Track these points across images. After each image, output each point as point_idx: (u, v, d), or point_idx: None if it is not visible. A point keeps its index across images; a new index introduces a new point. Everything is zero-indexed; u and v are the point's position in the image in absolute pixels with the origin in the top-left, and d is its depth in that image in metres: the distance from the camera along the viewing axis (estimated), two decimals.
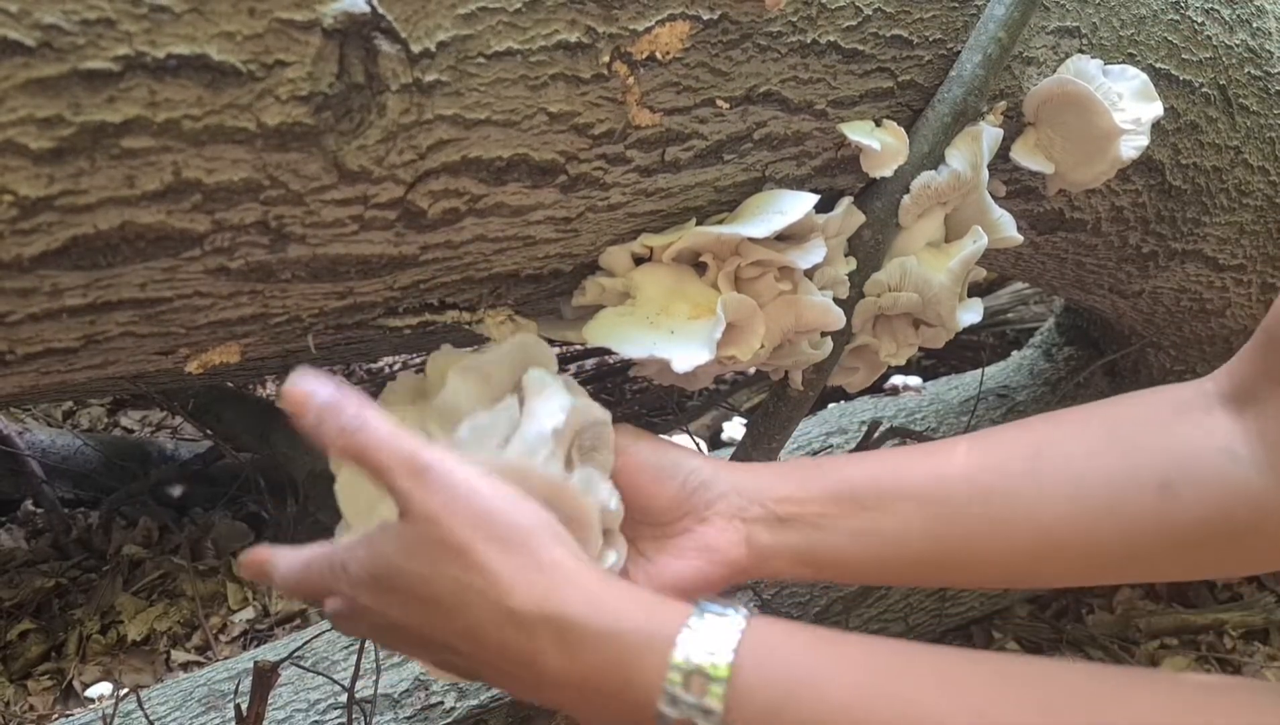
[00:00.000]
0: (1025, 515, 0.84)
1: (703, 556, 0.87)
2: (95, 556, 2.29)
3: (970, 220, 1.06)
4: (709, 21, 0.86)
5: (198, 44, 0.66)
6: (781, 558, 0.88)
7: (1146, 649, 1.85)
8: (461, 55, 0.76)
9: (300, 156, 0.72)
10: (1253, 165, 1.29)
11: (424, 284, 0.88)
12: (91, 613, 2.10)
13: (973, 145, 1.03)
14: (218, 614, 2.12)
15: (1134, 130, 1.08)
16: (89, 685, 1.92)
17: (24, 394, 0.86)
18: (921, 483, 0.88)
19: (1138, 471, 0.81)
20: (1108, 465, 0.83)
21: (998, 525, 0.85)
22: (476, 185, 0.82)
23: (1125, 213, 1.27)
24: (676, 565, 0.88)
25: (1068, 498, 0.83)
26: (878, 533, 0.87)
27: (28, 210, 0.65)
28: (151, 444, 2.59)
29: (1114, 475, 0.82)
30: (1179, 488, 0.80)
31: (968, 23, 1.02)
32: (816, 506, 0.88)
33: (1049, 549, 0.84)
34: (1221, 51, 1.22)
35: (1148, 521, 0.81)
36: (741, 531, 0.88)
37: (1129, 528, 0.81)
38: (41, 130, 0.63)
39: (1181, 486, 0.80)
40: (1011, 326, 2.56)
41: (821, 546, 0.88)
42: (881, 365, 1.11)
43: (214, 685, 1.41)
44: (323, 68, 0.71)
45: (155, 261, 0.72)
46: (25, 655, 2.02)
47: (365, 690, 1.32)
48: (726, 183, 0.96)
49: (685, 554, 0.88)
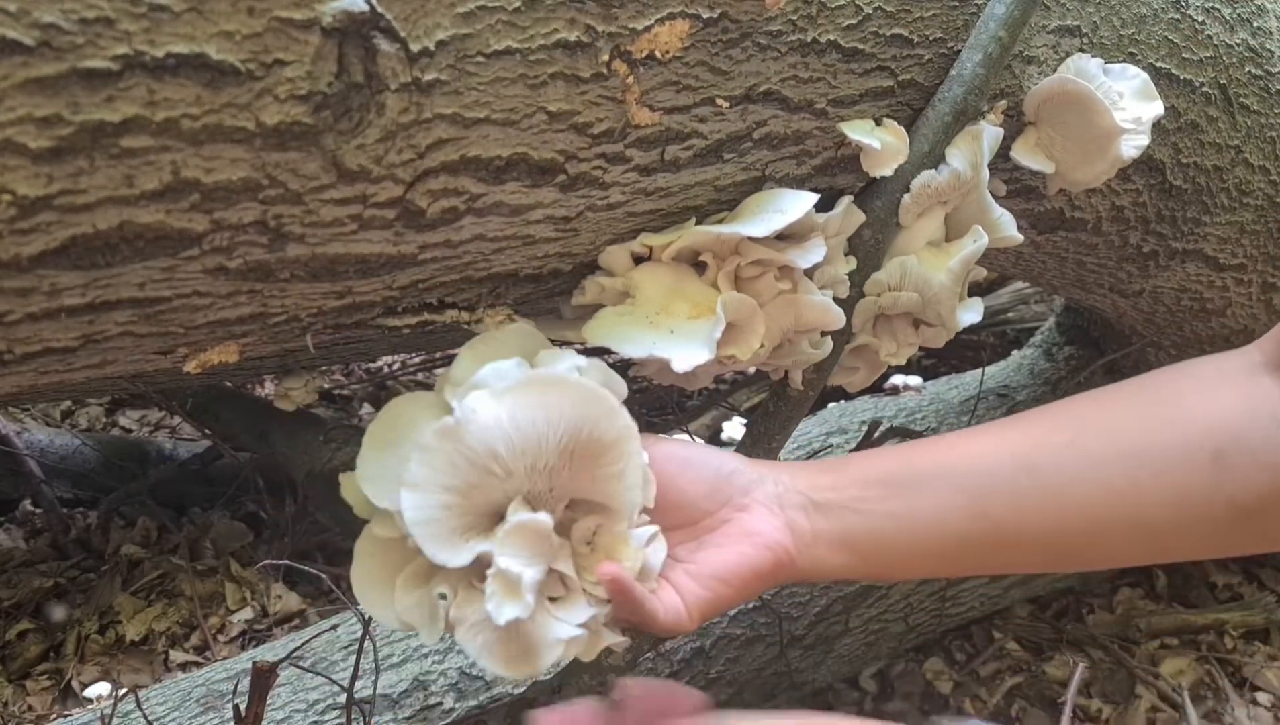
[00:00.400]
0: (1076, 487, 0.82)
1: (748, 540, 0.84)
2: (94, 556, 2.29)
3: (970, 219, 1.05)
4: (709, 20, 0.86)
5: (196, 43, 0.66)
6: (822, 543, 0.86)
7: (1147, 649, 1.85)
8: (460, 54, 0.76)
9: (299, 156, 0.72)
10: (1253, 164, 1.29)
11: (423, 283, 0.88)
12: (90, 613, 2.09)
13: (973, 144, 1.03)
14: (216, 614, 2.12)
15: (1134, 129, 1.07)
16: (87, 685, 1.92)
17: (22, 393, 0.85)
18: (960, 461, 0.86)
19: (1189, 442, 0.80)
20: (1158, 437, 0.81)
21: (1048, 499, 0.83)
22: (475, 184, 0.81)
23: (1126, 212, 1.27)
24: (722, 555, 0.84)
25: (1119, 470, 0.81)
26: (917, 513, 0.85)
27: (26, 210, 0.65)
28: (150, 443, 2.58)
29: (1166, 446, 0.81)
30: (1231, 457, 0.78)
31: (968, 21, 1.02)
32: (854, 490, 0.86)
33: (1100, 524, 0.83)
34: (1222, 50, 1.22)
35: (1201, 492, 0.79)
36: (782, 517, 0.86)
37: (1181, 499, 0.80)
38: (40, 129, 0.63)
39: (1234, 456, 0.78)
40: (1012, 326, 2.55)
41: (860, 530, 0.86)
42: (882, 365, 1.11)
43: (212, 685, 1.41)
44: (322, 67, 0.70)
45: (154, 261, 0.72)
46: (24, 655, 2.01)
47: (364, 691, 1.32)
48: (726, 182, 0.96)
49: (729, 541, 0.85)
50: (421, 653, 1.41)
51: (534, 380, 0.80)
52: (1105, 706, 1.72)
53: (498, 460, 0.78)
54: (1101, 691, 1.77)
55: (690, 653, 1.47)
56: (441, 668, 1.39)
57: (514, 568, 0.76)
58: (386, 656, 1.40)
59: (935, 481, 0.86)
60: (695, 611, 0.82)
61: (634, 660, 1.07)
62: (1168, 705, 1.73)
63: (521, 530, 0.78)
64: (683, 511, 0.87)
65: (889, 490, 0.86)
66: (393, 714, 1.36)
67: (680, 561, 0.85)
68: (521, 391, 0.79)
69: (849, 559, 0.87)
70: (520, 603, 0.76)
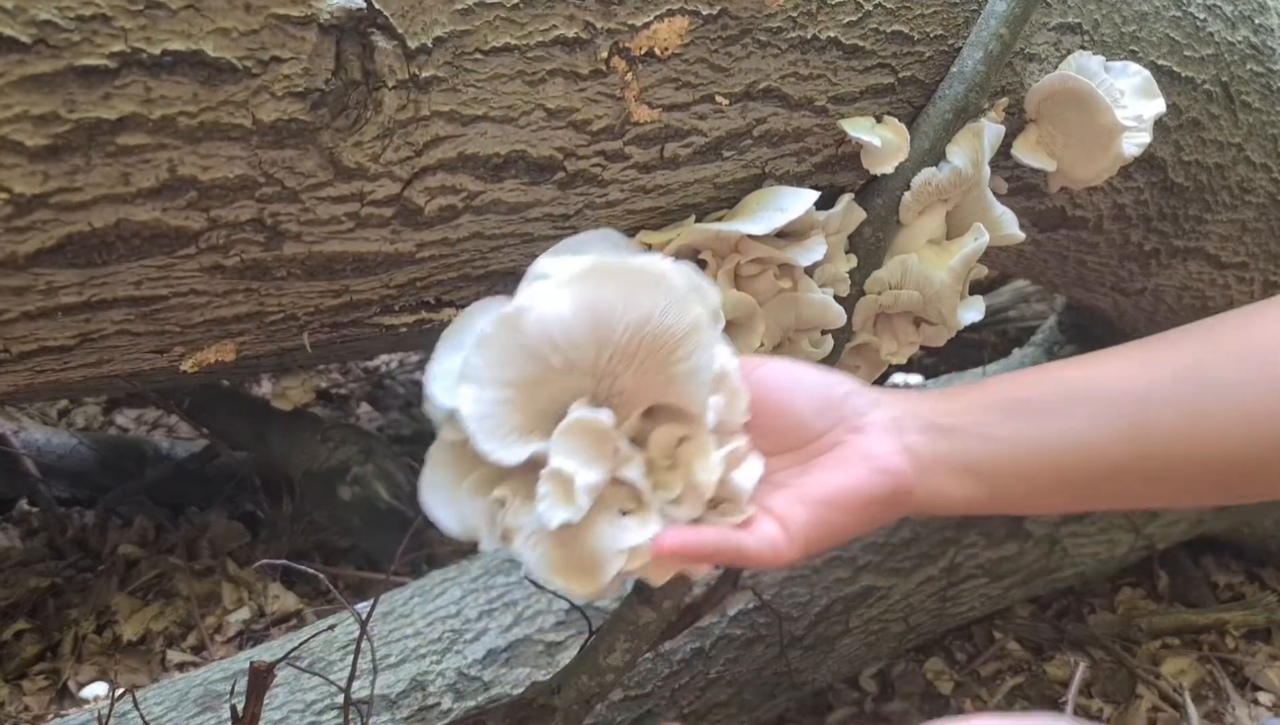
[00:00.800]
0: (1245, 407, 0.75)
1: (863, 464, 0.77)
2: (91, 556, 2.29)
3: (972, 217, 1.05)
4: (708, 17, 0.86)
5: (193, 40, 0.66)
6: (944, 469, 0.78)
7: (1148, 649, 1.84)
8: (458, 51, 0.76)
9: (296, 153, 0.72)
10: (1255, 162, 1.29)
11: (420, 282, 0.88)
12: (87, 612, 2.09)
13: (974, 142, 1.03)
14: (213, 614, 2.11)
15: (1136, 127, 1.07)
16: (84, 685, 1.91)
17: (19, 392, 0.85)
18: (1105, 379, 0.79)
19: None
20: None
21: (1210, 420, 0.76)
22: (473, 182, 0.81)
23: (1127, 210, 1.26)
24: (832, 478, 0.77)
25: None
26: (1057, 436, 0.78)
27: (23, 208, 0.65)
28: (147, 443, 2.58)
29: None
30: None
31: (969, 19, 1.02)
32: (980, 414, 0.79)
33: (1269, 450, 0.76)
34: (1224, 48, 1.21)
35: None
36: (900, 440, 0.78)
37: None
38: (37, 127, 0.63)
39: None
40: (1013, 324, 2.55)
41: (989, 455, 0.78)
42: (882, 363, 1.11)
43: (210, 685, 1.41)
44: (319, 64, 0.70)
45: (150, 259, 0.72)
46: (20, 655, 2.01)
47: (362, 691, 1.32)
48: (726, 179, 0.96)
49: (841, 464, 0.78)
50: (419, 653, 1.41)
51: (598, 268, 0.73)
52: (1106, 707, 1.72)
53: (557, 352, 0.72)
54: (1103, 691, 1.76)
55: (690, 653, 1.46)
56: (439, 668, 1.39)
57: (567, 467, 0.71)
58: (384, 657, 1.39)
59: (1079, 402, 0.78)
60: (799, 538, 0.75)
61: (633, 660, 1.07)
62: (1169, 705, 1.73)
63: (578, 428, 0.72)
64: (789, 433, 0.80)
65: (1022, 413, 0.79)
66: (390, 714, 1.36)
67: (784, 486, 0.78)
68: (584, 279, 0.73)
69: (975, 489, 0.79)
70: (572, 506, 0.71)
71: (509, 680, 1.38)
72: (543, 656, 1.39)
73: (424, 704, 1.37)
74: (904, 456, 0.78)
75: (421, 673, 1.39)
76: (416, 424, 2.59)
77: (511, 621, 1.42)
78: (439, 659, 1.40)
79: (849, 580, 1.56)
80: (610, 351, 0.73)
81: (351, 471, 1.99)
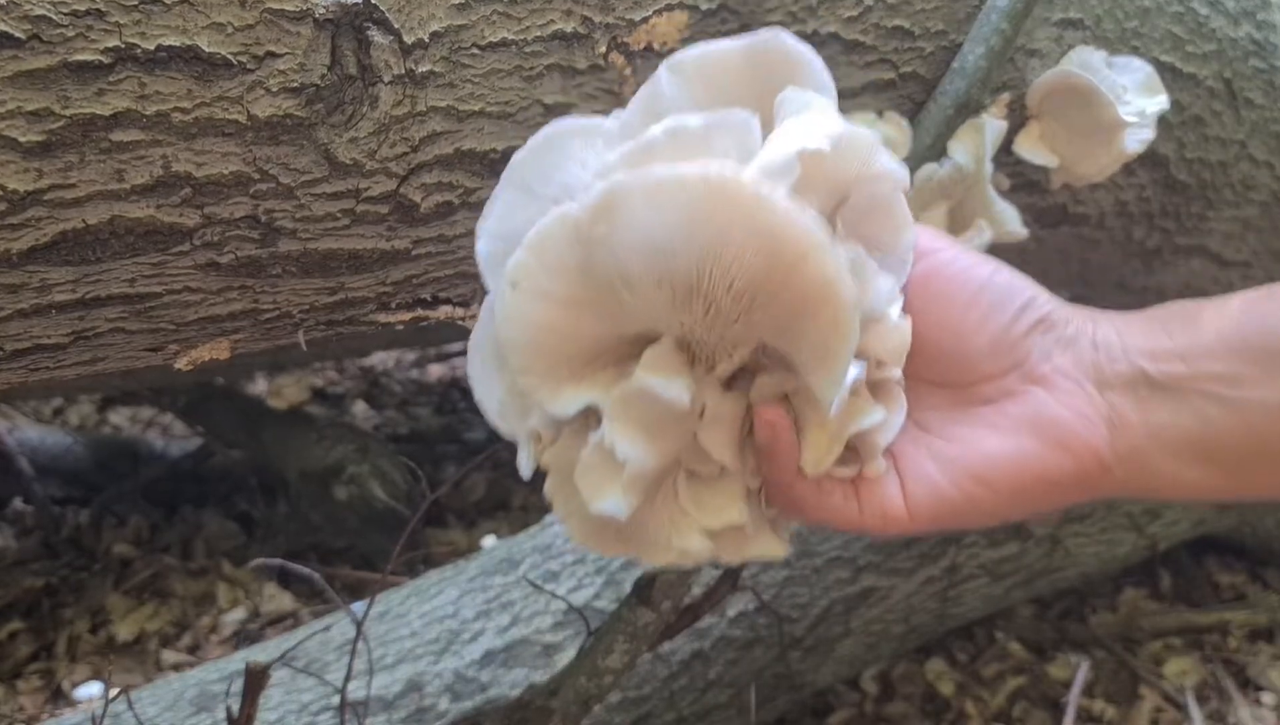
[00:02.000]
0: None
1: (1038, 436, 0.59)
2: (85, 555, 2.28)
3: (973, 214, 1.05)
4: (707, 11, 0.85)
5: (188, 35, 0.66)
6: (1160, 447, 0.58)
7: (1150, 649, 1.84)
8: (455, 46, 0.75)
9: (291, 149, 0.71)
10: (1258, 160, 1.28)
11: (416, 279, 0.87)
12: (81, 612, 2.08)
13: (975, 138, 1.02)
14: (209, 614, 2.10)
15: (1138, 123, 1.07)
16: (79, 685, 1.91)
17: (12, 390, 0.85)
18: None
19: None
20: None
21: None
22: (470, 178, 0.81)
23: (1130, 207, 1.26)
24: (994, 443, 0.59)
25: None
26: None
27: (16, 205, 0.65)
28: (142, 442, 2.57)
29: None
30: None
31: (970, 14, 1.01)
32: (1220, 365, 0.57)
33: None
34: (1226, 44, 1.21)
35: None
36: (1098, 403, 0.59)
37: None
38: (30, 123, 0.63)
39: None
40: None
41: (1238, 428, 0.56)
42: None
43: (205, 686, 1.40)
44: (315, 59, 0.70)
45: (144, 256, 0.72)
46: (14, 655, 2.00)
47: (358, 692, 1.31)
48: None
49: (1011, 424, 0.59)
50: (416, 654, 1.40)
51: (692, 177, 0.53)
52: (1108, 707, 1.71)
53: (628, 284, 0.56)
54: (1105, 692, 1.76)
55: (689, 654, 1.46)
56: (436, 669, 1.38)
57: (620, 449, 0.57)
58: (380, 658, 1.39)
59: None
60: (923, 514, 0.59)
61: (631, 662, 1.06)
62: (1171, 706, 1.72)
63: (642, 397, 0.57)
64: (951, 365, 0.62)
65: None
66: (387, 716, 1.35)
67: (925, 432, 0.61)
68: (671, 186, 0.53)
69: (1206, 473, 0.58)
70: (617, 498, 0.57)
71: (506, 681, 1.37)
72: (540, 658, 1.38)
73: (421, 705, 1.36)
74: (1101, 428, 0.59)
75: (418, 674, 1.38)
76: (413, 423, 2.59)
77: (509, 622, 1.41)
78: (436, 660, 1.39)
79: (850, 581, 1.55)
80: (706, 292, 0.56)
81: (347, 471, 1.98)
